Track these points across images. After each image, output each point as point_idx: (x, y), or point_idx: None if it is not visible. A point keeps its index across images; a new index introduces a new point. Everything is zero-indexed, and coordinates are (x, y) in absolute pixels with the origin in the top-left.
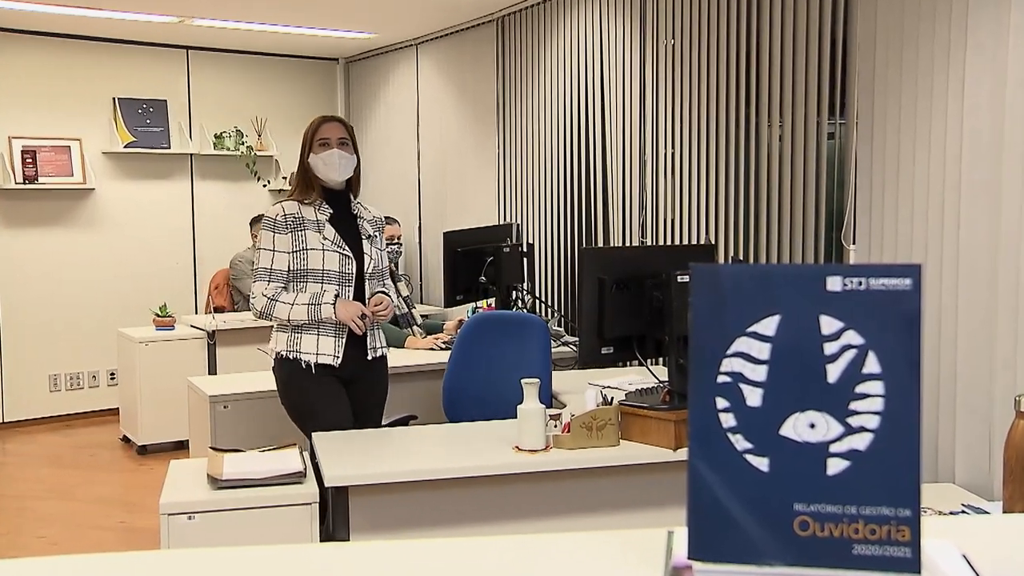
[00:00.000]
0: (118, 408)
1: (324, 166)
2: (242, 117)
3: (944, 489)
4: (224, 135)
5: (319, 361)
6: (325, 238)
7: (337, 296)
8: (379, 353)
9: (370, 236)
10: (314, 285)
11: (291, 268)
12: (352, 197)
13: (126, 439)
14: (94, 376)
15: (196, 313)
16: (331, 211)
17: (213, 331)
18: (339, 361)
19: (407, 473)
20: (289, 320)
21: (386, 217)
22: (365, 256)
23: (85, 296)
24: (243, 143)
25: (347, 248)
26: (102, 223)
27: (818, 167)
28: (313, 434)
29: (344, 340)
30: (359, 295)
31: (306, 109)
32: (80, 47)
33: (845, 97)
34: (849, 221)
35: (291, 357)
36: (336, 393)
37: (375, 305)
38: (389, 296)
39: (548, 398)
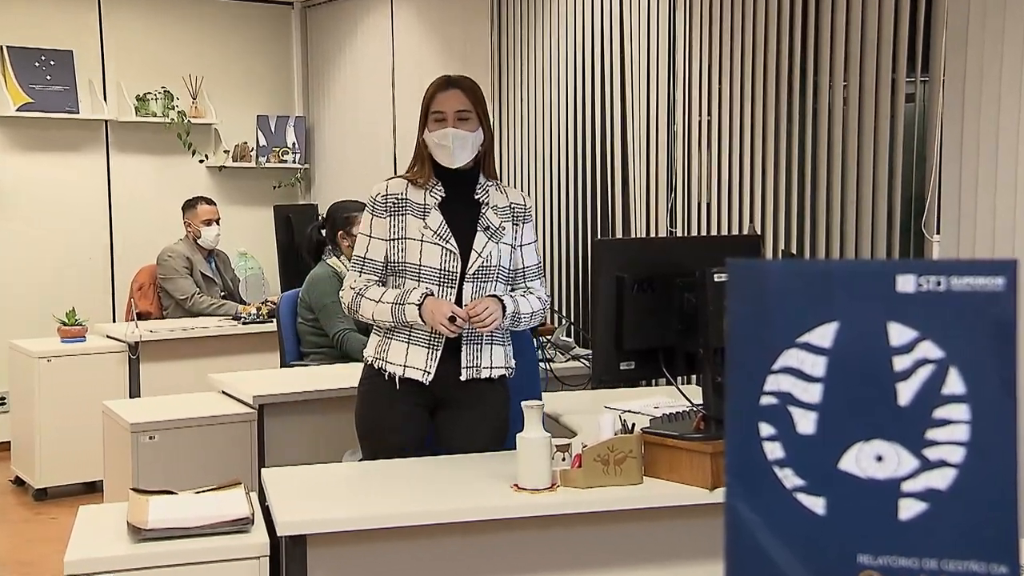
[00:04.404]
0: (9, 442)
1: (437, 147)
2: (172, 75)
3: None
4: (149, 97)
5: (405, 375)
6: (427, 227)
7: (427, 295)
8: (484, 374)
9: (491, 228)
10: (411, 283)
11: (388, 259)
12: (483, 179)
13: (19, 481)
14: None
15: (114, 321)
16: (443, 195)
17: (135, 343)
18: (430, 378)
19: (379, 518)
20: (374, 320)
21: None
22: (472, 252)
23: None
24: (173, 107)
25: (452, 241)
26: None
27: (893, 137)
28: (263, 471)
29: (439, 352)
30: (460, 301)
31: (252, 65)
32: None
33: (929, 49)
34: (932, 206)
35: (376, 366)
36: (410, 417)
37: (474, 311)
38: (504, 302)
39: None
